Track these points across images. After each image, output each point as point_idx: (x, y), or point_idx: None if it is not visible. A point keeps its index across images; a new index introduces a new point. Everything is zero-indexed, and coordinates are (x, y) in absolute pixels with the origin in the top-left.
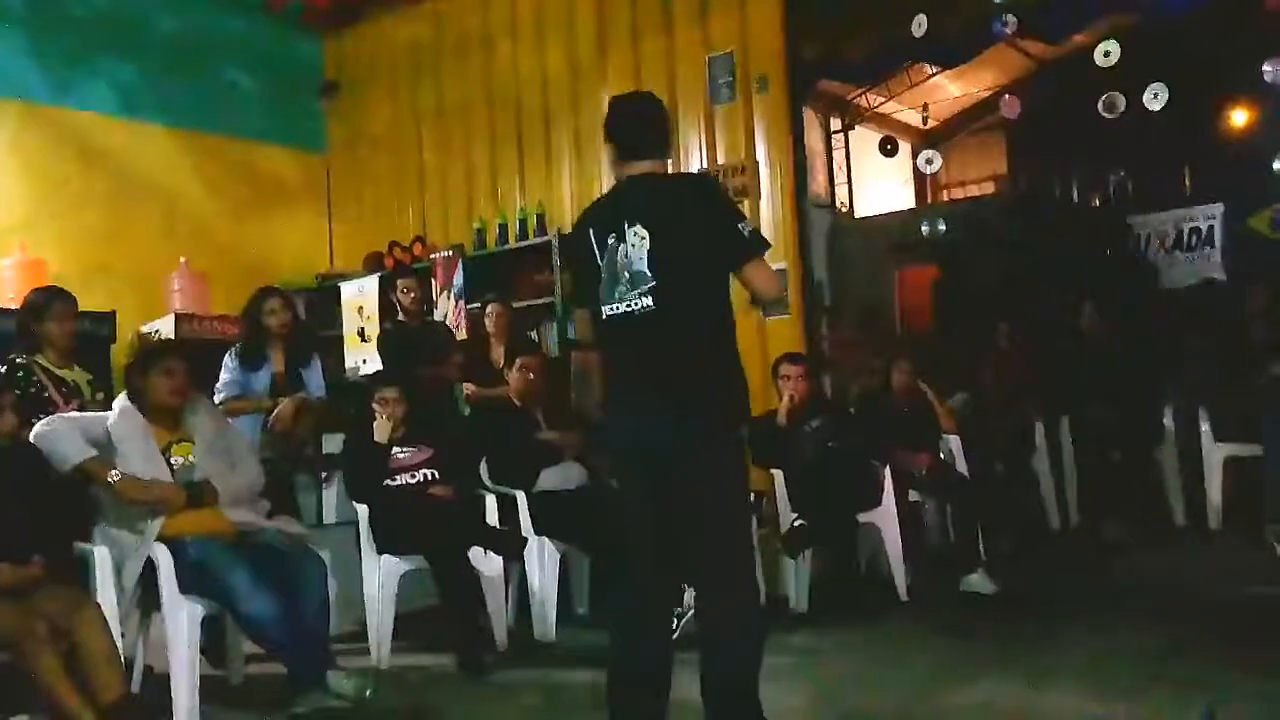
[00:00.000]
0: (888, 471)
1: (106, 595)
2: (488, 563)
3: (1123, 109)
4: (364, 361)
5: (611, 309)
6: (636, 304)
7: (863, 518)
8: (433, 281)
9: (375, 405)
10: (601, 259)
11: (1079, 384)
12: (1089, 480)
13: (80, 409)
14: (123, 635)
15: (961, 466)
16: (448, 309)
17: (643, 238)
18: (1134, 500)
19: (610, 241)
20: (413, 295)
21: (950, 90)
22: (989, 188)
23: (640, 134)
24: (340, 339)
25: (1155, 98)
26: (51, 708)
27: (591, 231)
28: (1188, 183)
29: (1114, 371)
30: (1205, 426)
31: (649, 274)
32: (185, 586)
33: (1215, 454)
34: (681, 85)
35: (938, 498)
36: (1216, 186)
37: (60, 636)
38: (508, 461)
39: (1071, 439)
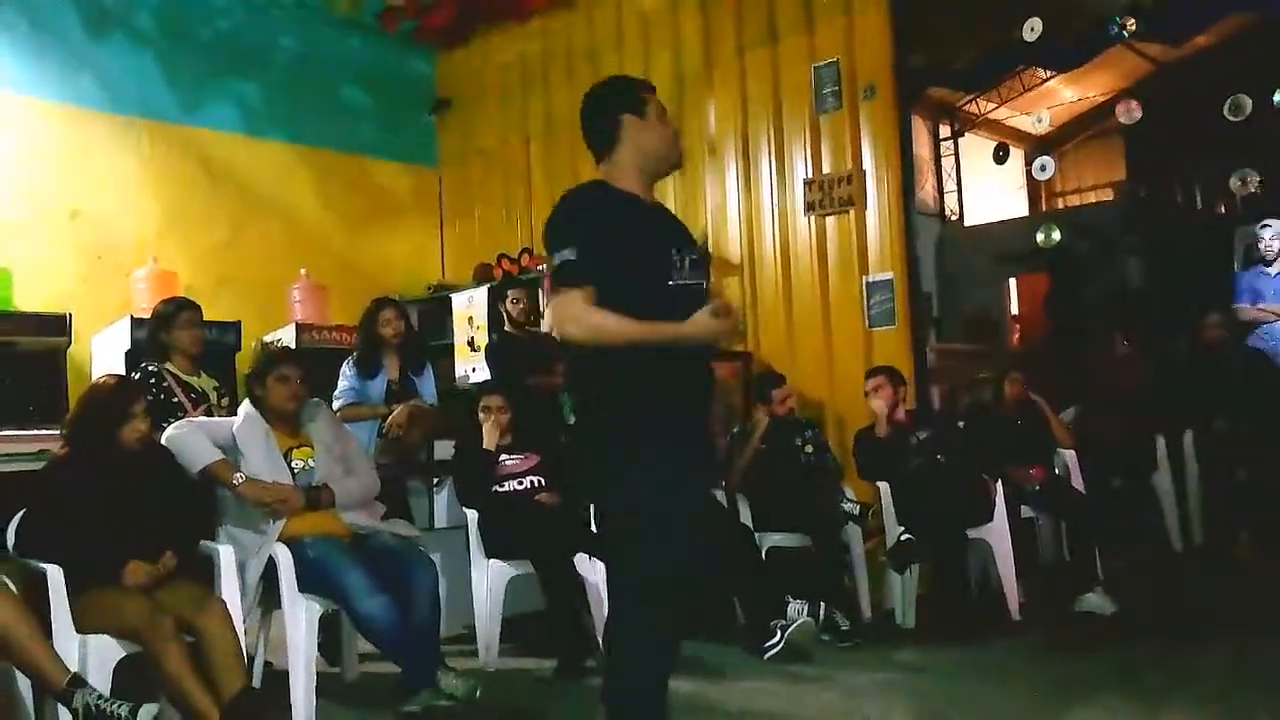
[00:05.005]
0: (999, 486)
1: (230, 592)
2: (592, 569)
3: (1249, 111)
4: (473, 370)
5: None
6: None
7: (973, 533)
8: (540, 292)
9: (480, 413)
10: None
11: (1203, 398)
12: (1214, 498)
13: (207, 414)
14: (245, 631)
15: (1077, 481)
16: None
17: None
18: (1260, 520)
19: None
20: (521, 306)
21: (1065, 95)
22: (1106, 194)
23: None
24: (451, 348)
25: None
26: (178, 698)
27: None
28: None
29: (1240, 385)
30: None
31: None
32: (304, 586)
33: None
34: (787, 95)
35: (1052, 514)
36: None
37: (187, 630)
38: None
39: (1196, 455)
